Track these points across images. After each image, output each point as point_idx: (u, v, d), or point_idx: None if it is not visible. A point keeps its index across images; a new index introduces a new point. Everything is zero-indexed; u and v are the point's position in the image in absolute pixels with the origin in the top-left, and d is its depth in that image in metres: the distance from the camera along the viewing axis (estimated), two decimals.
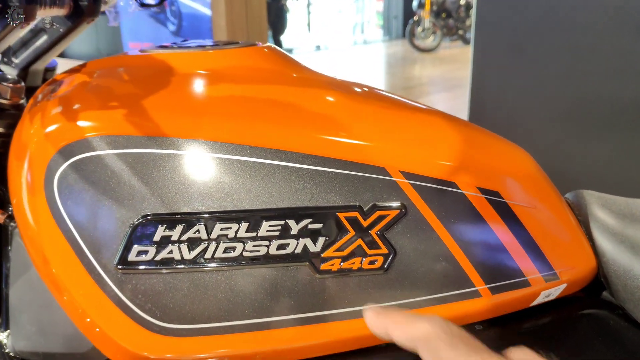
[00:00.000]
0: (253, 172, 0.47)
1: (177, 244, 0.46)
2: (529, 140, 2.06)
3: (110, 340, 0.49)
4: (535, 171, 0.56)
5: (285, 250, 0.46)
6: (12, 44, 0.69)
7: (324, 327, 0.48)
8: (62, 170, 0.48)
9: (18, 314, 0.62)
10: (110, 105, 0.49)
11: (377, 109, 0.55)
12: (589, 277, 0.56)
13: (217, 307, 0.47)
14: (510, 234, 0.51)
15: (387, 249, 0.48)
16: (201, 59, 0.56)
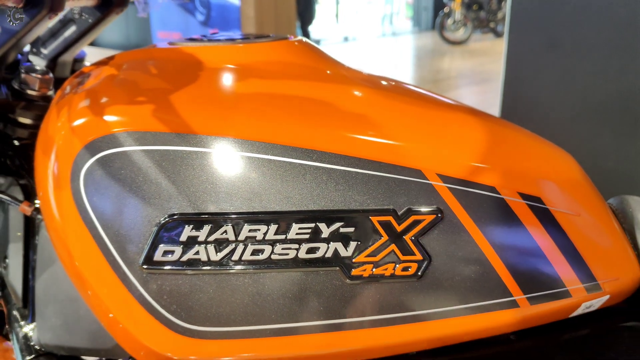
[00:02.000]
0: (283, 172, 0.45)
1: (204, 245, 0.44)
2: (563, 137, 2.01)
3: (133, 339, 0.48)
4: (578, 176, 0.53)
5: (315, 254, 0.45)
6: (41, 35, 0.69)
7: (353, 335, 0.46)
8: (88, 166, 0.47)
9: (44, 307, 0.62)
10: (138, 100, 0.48)
11: (412, 108, 0.52)
12: (634, 288, 0.53)
13: (243, 310, 0.45)
14: (551, 242, 0.48)
15: (421, 255, 0.46)
16: (231, 53, 0.54)
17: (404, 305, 0.46)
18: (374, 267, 0.45)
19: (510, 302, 0.48)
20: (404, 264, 0.45)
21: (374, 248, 0.45)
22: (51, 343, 0.62)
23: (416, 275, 0.46)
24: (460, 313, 0.47)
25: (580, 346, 0.53)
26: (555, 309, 0.50)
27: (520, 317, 0.49)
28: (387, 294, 0.46)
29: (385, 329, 0.47)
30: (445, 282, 0.46)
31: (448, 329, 0.48)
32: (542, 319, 0.51)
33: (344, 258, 0.45)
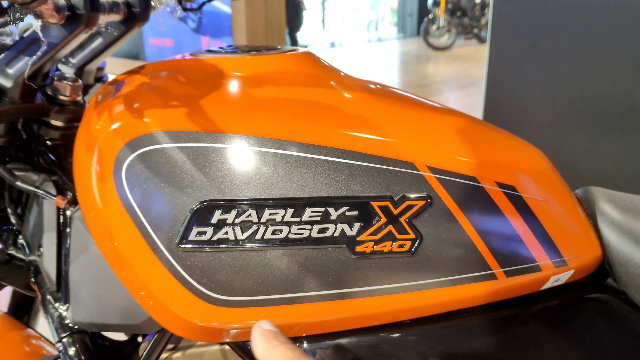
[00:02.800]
0: (298, 165, 0.53)
1: (232, 226, 0.52)
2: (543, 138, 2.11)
3: (167, 310, 0.55)
4: (547, 168, 0.62)
5: (325, 233, 0.53)
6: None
7: (357, 303, 0.54)
8: (129, 161, 0.54)
9: (77, 290, 0.69)
10: (171, 104, 0.56)
11: (404, 110, 0.61)
12: (595, 265, 0.62)
13: (263, 281, 0.53)
14: (524, 224, 0.57)
15: (414, 234, 0.54)
16: (248, 64, 0.62)
17: (400, 277, 0.54)
18: (374, 245, 0.54)
19: (489, 275, 0.56)
20: (399, 242, 0.54)
21: (374, 228, 0.53)
22: (85, 321, 0.69)
23: (410, 252, 0.54)
24: (448, 284, 0.56)
25: (550, 315, 0.62)
26: (528, 282, 0.58)
27: (499, 288, 0.57)
28: (385, 267, 0.54)
29: (383, 298, 0.55)
30: (434, 258, 0.55)
31: (437, 299, 0.56)
32: (517, 291, 0.59)
33: (349, 237, 0.53)
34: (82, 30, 0.61)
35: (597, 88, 1.93)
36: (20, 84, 0.65)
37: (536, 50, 2.05)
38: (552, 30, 1.99)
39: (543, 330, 0.61)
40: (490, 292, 0.57)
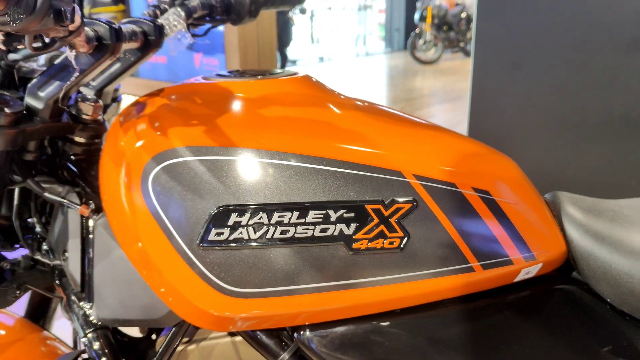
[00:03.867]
0: (301, 174, 0.61)
1: (245, 227, 0.61)
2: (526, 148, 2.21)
3: (187, 303, 0.63)
4: (518, 175, 0.70)
5: (326, 233, 0.61)
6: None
7: (354, 293, 0.63)
8: (155, 173, 0.63)
9: (101, 289, 0.77)
10: (190, 122, 0.64)
11: (393, 125, 0.70)
12: (561, 259, 0.71)
13: (272, 275, 0.61)
14: (497, 224, 0.65)
15: (402, 233, 0.62)
16: (254, 87, 0.71)
17: (391, 271, 0.63)
18: (368, 242, 0.62)
19: (468, 268, 0.65)
20: (390, 240, 0.62)
21: (368, 228, 0.62)
22: (108, 317, 0.77)
23: (399, 248, 0.63)
24: (432, 276, 0.64)
25: (522, 304, 0.70)
26: (502, 274, 0.67)
27: (476, 279, 0.66)
28: (378, 262, 0.63)
29: (376, 289, 0.63)
30: (420, 253, 0.63)
31: (423, 289, 0.64)
32: (493, 282, 0.68)
33: (347, 236, 0.62)
34: (108, 57, 0.69)
35: (577, 100, 2.02)
36: (50, 105, 0.73)
37: (518, 65, 2.14)
38: (533, 45, 2.08)
39: (516, 317, 0.69)
40: (469, 283, 0.66)
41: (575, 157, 2.07)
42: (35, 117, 0.73)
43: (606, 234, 0.69)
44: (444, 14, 10.05)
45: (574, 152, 2.06)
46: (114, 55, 0.70)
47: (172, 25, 0.87)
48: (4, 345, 0.98)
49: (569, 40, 1.97)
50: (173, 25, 0.87)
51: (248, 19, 1.01)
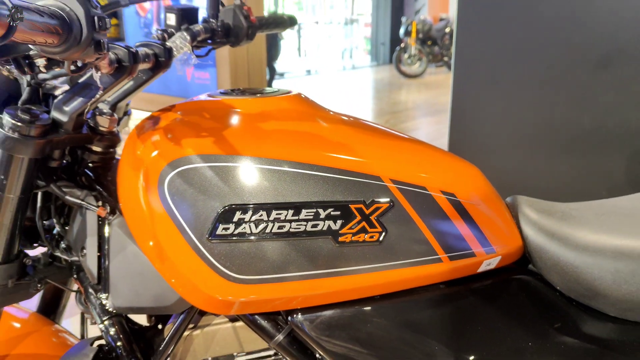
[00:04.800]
0: (296, 178, 0.72)
1: (248, 223, 0.71)
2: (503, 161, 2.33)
3: (195, 289, 0.74)
4: (481, 180, 0.82)
5: (316, 228, 0.72)
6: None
7: (340, 280, 0.74)
8: (170, 177, 0.73)
9: (116, 281, 0.87)
10: (201, 134, 0.75)
11: (374, 137, 0.81)
12: (518, 253, 0.82)
13: (271, 264, 0.72)
14: (461, 221, 0.77)
15: (381, 228, 0.74)
16: (254, 104, 0.82)
17: (371, 261, 0.74)
18: (352, 236, 0.73)
19: (436, 259, 0.76)
20: (370, 234, 0.73)
21: (352, 224, 0.73)
22: (123, 306, 0.87)
23: (378, 241, 0.74)
24: (406, 265, 0.75)
25: (485, 291, 0.82)
26: (467, 265, 0.78)
27: (444, 269, 0.77)
28: (360, 253, 0.74)
29: (359, 276, 0.74)
30: (396, 246, 0.74)
31: (399, 277, 0.75)
32: (459, 272, 0.79)
33: (334, 230, 0.73)
34: (126, 77, 0.79)
35: (550, 115, 2.14)
36: (74, 119, 0.83)
37: (495, 81, 2.27)
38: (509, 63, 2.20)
39: (479, 303, 0.81)
40: (438, 273, 0.77)
41: (549, 168, 2.19)
42: (60, 129, 0.83)
43: (556, 231, 0.80)
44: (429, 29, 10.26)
45: (548, 164, 2.18)
46: (131, 75, 0.80)
47: (179, 47, 0.97)
48: (19, 337, 1.08)
49: (542, 58, 2.10)
50: (180, 47, 0.98)
51: (245, 41, 1.12)
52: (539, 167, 2.21)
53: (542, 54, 2.09)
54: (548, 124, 2.15)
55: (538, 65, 2.11)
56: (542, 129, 2.17)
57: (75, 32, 0.60)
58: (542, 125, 2.16)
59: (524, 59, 2.14)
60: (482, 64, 2.28)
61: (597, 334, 0.78)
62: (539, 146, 2.19)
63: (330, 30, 13.48)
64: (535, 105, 2.17)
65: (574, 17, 1.97)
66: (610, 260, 0.76)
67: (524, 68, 2.16)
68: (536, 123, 2.17)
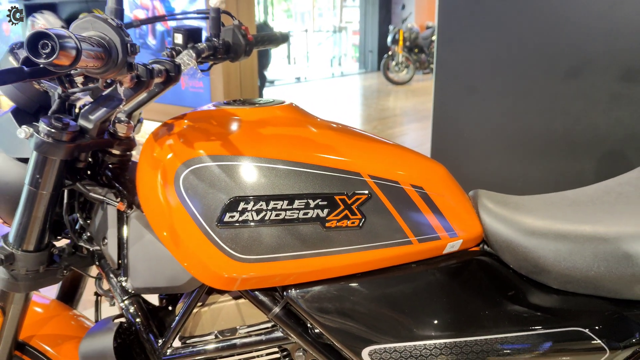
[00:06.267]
0: (289, 175, 0.87)
1: (250, 212, 0.86)
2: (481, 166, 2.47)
3: (206, 268, 0.88)
4: (445, 175, 0.97)
5: (307, 215, 0.87)
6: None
7: (327, 259, 0.88)
8: (185, 174, 0.87)
9: (135, 265, 1.00)
10: (210, 138, 0.90)
11: (356, 140, 0.96)
12: (477, 238, 0.97)
13: (269, 246, 0.86)
14: (428, 210, 0.92)
15: (361, 216, 0.88)
16: (253, 112, 0.96)
17: (353, 242, 0.88)
18: (337, 222, 0.88)
19: (407, 241, 0.90)
20: (351, 220, 0.88)
21: (337, 212, 0.88)
22: (141, 286, 1.00)
23: (359, 227, 0.88)
24: (382, 247, 0.89)
25: (450, 270, 0.96)
26: (433, 247, 0.93)
27: (414, 250, 0.92)
28: (344, 236, 0.88)
29: (343, 256, 0.88)
30: (373, 230, 0.89)
31: (377, 256, 0.90)
32: (427, 253, 0.94)
33: (322, 218, 0.87)
34: (144, 90, 0.93)
35: (523, 122, 2.28)
36: (97, 126, 0.97)
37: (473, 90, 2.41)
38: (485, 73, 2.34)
39: (445, 279, 0.95)
40: (409, 253, 0.92)
41: (522, 172, 2.33)
42: (86, 135, 0.97)
43: (509, 219, 0.96)
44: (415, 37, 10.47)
45: (522, 167, 2.32)
46: (148, 89, 0.94)
47: (186, 63, 1.12)
48: (41, 322, 1.21)
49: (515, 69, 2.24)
50: (187, 63, 1.12)
51: (243, 57, 1.27)
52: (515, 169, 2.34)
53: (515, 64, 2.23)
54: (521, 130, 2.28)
55: (512, 75, 2.25)
56: (517, 134, 2.30)
57: (114, 57, 0.74)
58: (517, 130, 2.30)
59: (500, 69, 2.28)
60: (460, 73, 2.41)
61: (542, 304, 0.93)
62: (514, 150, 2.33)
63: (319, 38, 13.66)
64: (510, 113, 2.30)
65: (545, 30, 2.12)
66: (551, 241, 0.91)
67: (499, 78, 2.29)
68: (511, 129, 2.31)
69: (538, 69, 2.19)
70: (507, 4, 2.20)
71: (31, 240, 0.99)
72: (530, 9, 2.15)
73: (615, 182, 1.04)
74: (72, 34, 0.64)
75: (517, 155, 2.33)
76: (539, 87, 2.21)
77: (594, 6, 1.99)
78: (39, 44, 0.60)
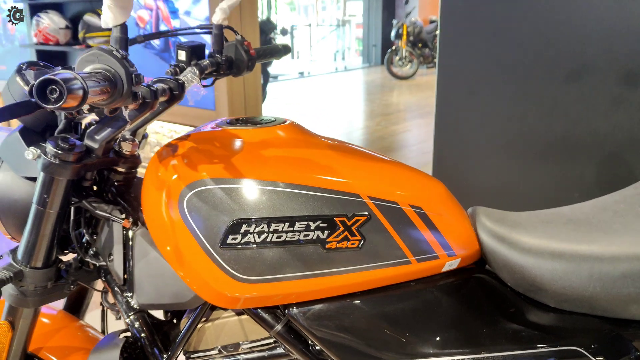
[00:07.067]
0: (291, 197, 0.89)
1: (252, 234, 0.88)
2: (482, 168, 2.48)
3: (209, 287, 0.90)
4: (444, 193, 0.99)
5: (307, 237, 0.89)
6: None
7: (327, 279, 0.90)
8: (188, 196, 0.89)
9: (140, 282, 1.03)
10: (213, 161, 0.91)
11: (355, 160, 0.98)
12: (475, 256, 0.99)
13: (270, 267, 0.88)
14: (427, 230, 0.94)
15: (360, 237, 0.90)
16: (256, 133, 0.98)
17: (353, 263, 0.90)
18: (337, 244, 0.90)
19: (406, 261, 0.92)
20: (351, 242, 0.90)
21: (336, 234, 0.89)
22: (146, 303, 1.03)
23: (358, 248, 0.90)
24: (382, 267, 0.91)
25: (448, 287, 0.98)
26: (432, 266, 0.95)
27: (413, 269, 0.94)
28: (344, 257, 0.90)
29: (343, 276, 0.90)
30: (372, 251, 0.91)
31: (376, 276, 0.92)
32: (425, 272, 0.96)
33: (322, 239, 0.89)
34: (148, 111, 0.95)
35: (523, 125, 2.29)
36: (103, 146, 0.99)
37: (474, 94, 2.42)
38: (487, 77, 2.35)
39: (443, 296, 0.97)
40: (408, 272, 0.94)
41: (523, 174, 2.34)
42: (92, 154, 0.99)
43: (507, 237, 0.97)
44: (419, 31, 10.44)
45: (523, 170, 2.33)
46: (153, 109, 0.96)
47: (190, 81, 1.14)
48: (49, 333, 1.24)
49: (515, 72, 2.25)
50: (190, 80, 1.14)
51: (246, 71, 1.29)
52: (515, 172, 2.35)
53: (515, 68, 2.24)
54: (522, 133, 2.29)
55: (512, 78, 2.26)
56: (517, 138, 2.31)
57: (119, 88, 0.76)
58: (516, 135, 2.31)
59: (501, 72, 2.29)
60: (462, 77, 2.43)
61: (539, 322, 0.95)
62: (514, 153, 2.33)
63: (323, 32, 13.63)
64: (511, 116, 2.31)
65: (545, 34, 2.13)
66: (548, 260, 0.92)
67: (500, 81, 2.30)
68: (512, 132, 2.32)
69: (538, 72, 2.20)
70: (508, 7, 2.21)
71: (39, 257, 1.02)
72: (531, 12, 2.15)
73: (612, 199, 1.06)
74: (77, 75, 0.65)
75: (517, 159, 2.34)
76: (539, 91, 2.22)
77: (595, 10, 2.00)
78: (47, 90, 0.62)
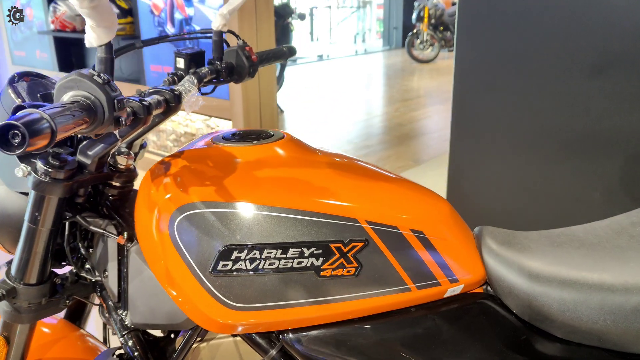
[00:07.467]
0: (284, 222, 0.85)
1: (244, 261, 0.84)
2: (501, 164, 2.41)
3: (200, 312, 0.87)
4: (448, 214, 0.94)
5: (301, 264, 0.85)
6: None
7: (321, 307, 0.87)
8: (179, 220, 0.86)
9: (134, 300, 1.01)
10: (205, 183, 0.88)
11: (354, 180, 0.93)
12: (480, 281, 0.95)
13: (262, 294, 0.85)
14: (428, 255, 0.89)
15: (357, 264, 0.86)
16: (252, 151, 0.94)
17: (349, 291, 0.87)
18: (332, 271, 0.86)
19: (406, 288, 0.88)
20: (347, 269, 0.86)
21: (332, 261, 0.86)
22: (140, 322, 1.01)
23: (354, 275, 0.86)
24: (379, 295, 0.88)
25: (450, 314, 0.94)
26: (433, 293, 0.91)
27: (413, 297, 0.89)
28: (339, 284, 0.86)
29: (339, 304, 0.87)
30: (370, 278, 0.87)
31: (374, 304, 0.88)
32: (426, 298, 0.92)
33: (317, 266, 0.85)
34: (141, 127, 0.92)
35: (544, 121, 2.23)
36: (96, 162, 0.96)
37: (493, 88, 2.36)
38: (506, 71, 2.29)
39: (445, 324, 0.93)
40: (407, 300, 0.89)
41: (543, 171, 2.28)
42: (84, 170, 0.97)
43: (513, 262, 0.92)
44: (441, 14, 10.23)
45: (543, 167, 2.28)
46: (146, 125, 0.93)
47: (187, 90, 1.10)
48: (49, 343, 1.23)
49: (536, 66, 2.19)
50: (188, 90, 1.10)
51: (248, 78, 1.25)
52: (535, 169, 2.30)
53: (536, 62, 2.18)
54: (542, 129, 2.24)
55: (534, 72, 2.20)
56: (537, 134, 2.26)
57: (99, 115, 0.73)
58: (538, 130, 2.25)
59: (521, 66, 2.23)
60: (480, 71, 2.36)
61: (545, 353, 0.90)
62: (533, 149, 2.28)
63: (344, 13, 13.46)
64: (532, 111, 2.25)
65: (568, 26, 2.05)
66: (556, 289, 0.88)
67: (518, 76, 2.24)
68: (531, 127, 2.26)
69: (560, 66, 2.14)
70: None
71: (32, 273, 1.00)
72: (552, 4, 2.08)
73: (628, 220, 1.00)
74: (43, 114, 0.62)
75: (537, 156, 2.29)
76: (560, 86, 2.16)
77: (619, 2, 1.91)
78: (9, 135, 0.59)
